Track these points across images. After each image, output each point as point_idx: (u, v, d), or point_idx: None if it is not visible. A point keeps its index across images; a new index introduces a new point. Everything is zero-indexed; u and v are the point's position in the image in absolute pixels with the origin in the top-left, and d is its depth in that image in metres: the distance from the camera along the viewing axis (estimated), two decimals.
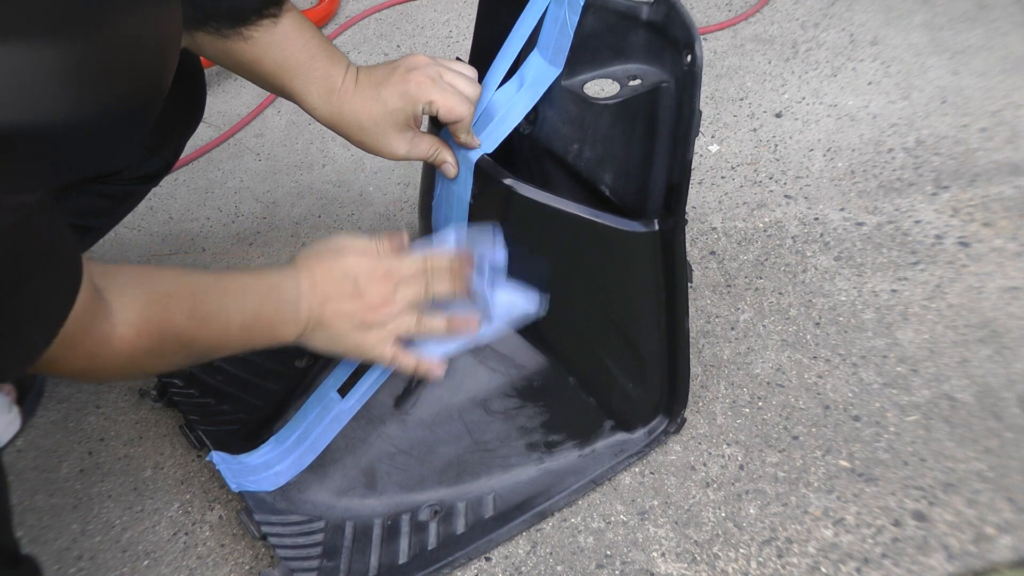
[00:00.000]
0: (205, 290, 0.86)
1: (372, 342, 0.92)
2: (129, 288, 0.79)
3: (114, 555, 1.00)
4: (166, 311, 0.81)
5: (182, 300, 0.83)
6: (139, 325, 0.78)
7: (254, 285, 0.89)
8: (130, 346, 0.77)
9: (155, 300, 0.81)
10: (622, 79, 0.90)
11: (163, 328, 0.80)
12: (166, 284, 0.83)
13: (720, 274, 1.23)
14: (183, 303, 0.83)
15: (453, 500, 0.98)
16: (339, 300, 0.90)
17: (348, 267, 0.91)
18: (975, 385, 1.07)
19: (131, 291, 0.79)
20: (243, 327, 0.87)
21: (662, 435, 1.03)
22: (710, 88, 1.54)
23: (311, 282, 0.90)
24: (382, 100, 0.92)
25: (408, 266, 0.93)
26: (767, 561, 0.93)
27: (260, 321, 0.88)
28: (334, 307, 0.90)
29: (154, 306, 0.80)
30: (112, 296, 0.77)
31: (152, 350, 0.80)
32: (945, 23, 1.61)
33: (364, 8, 1.81)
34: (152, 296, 0.81)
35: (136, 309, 0.78)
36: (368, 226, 1.37)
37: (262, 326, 0.89)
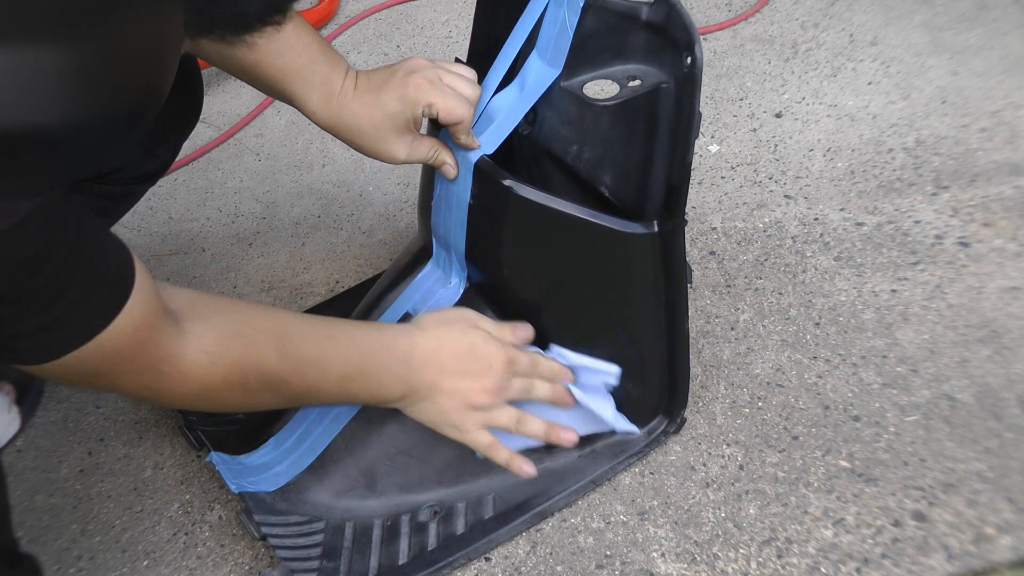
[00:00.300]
0: (302, 334, 0.85)
1: (472, 424, 0.93)
2: (211, 316, 0.78)
3: (114, 555, 1.00)
4: (252, 346, 0.80)
5: (272, 338, 0.82)
6: (216, 354, 0.77)
7: (361, 338, 0.89)
8: (203, 372, 0.76)
9: (240, 333, 0.80)
10: (621, 80, 0.90)
11: (245, 363, 0.79)
12: (258, 320, 0.82)
13: (720, 274, 1.23)
14: (273, 342, 0.81)
15: (453, 501, 0.98)
16: (458, 376, 0.90)
17: (475, 343, 0.92)
18: (975, 385, 1.07)
19: (213, 319, 0.78)
20: (344, 378, 0.86)
21: (662, 435, 1.03)
22: (710, 88, 1.54)
23: (434, 349, 0.90)
24: (381, 104, 0.92)
25: (524, 361, 0.94)
26: (767, 561, 0.93)
27: (363, 375, 0.87)
28: (451, 382, 0.90)
29: (238, 339, 0.79)
30: (189, 321, 0.76)
31: (232, 383, 0.79)
32: (945, 23, 1.61)
33: (364, 8, 1.81)
34: (237, 328, 0.80)
35: (215, 338, 0.77)
36: (368, 226, 1.38)
37: (365, 381, 0.88)
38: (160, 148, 1.01)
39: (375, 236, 1.36)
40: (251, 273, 1.32)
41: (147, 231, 1.39)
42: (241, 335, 0.80)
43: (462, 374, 0.91)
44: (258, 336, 0.81)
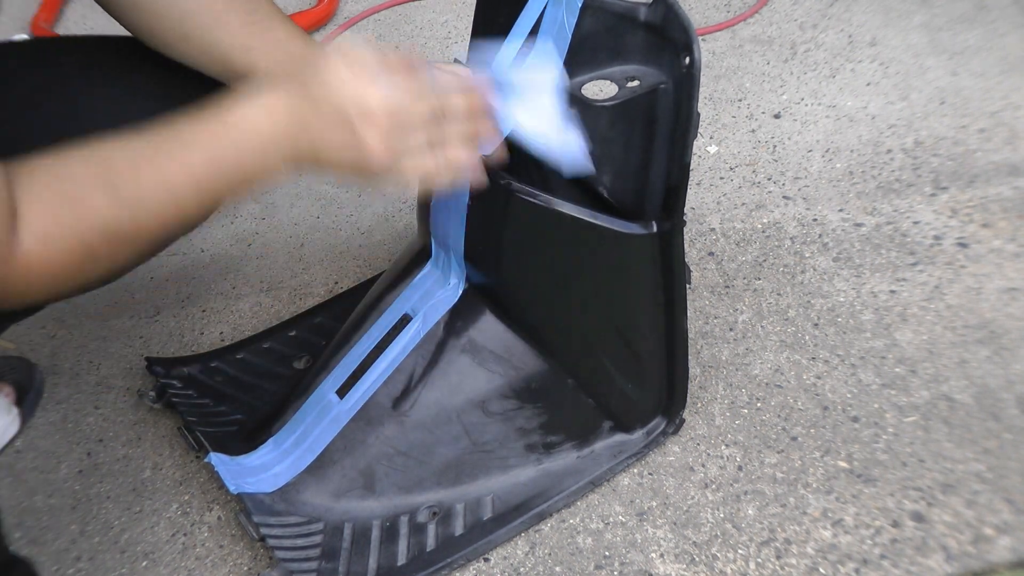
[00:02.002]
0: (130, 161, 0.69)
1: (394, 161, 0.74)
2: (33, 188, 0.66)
3: (113, 556, 1.00)
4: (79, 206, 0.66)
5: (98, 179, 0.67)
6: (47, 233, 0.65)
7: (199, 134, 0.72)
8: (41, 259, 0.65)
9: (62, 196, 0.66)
10: (620, 80, 0.90)
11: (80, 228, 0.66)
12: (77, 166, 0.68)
13: (719, 275, 1.23)
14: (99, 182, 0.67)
15: (452, 501, 0.98)
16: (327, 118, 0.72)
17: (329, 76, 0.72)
18: (974, 386, 1.07)
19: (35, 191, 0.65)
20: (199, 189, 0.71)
21: (661, 436, 1.03)
22: (709, 89, 1.54)
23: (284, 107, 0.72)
24: None
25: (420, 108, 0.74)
26: (766, 562, 0.93)
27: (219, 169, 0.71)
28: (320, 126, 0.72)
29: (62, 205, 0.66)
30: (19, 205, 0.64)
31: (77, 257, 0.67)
32: (944, 24, 1.61)
33: (363, 9, 1.81)
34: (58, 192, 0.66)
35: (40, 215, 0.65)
36: (367, 227, 1.38)
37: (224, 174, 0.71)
38: None
39: (374, 237, 1.36)
40: (250, 274, 1.32)
41: None
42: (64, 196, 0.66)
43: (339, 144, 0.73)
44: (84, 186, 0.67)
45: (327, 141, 0.73)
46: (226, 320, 1.25)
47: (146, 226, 0.70)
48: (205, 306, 1.27)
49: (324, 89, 0.72)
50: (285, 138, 0.72)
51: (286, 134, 0.72)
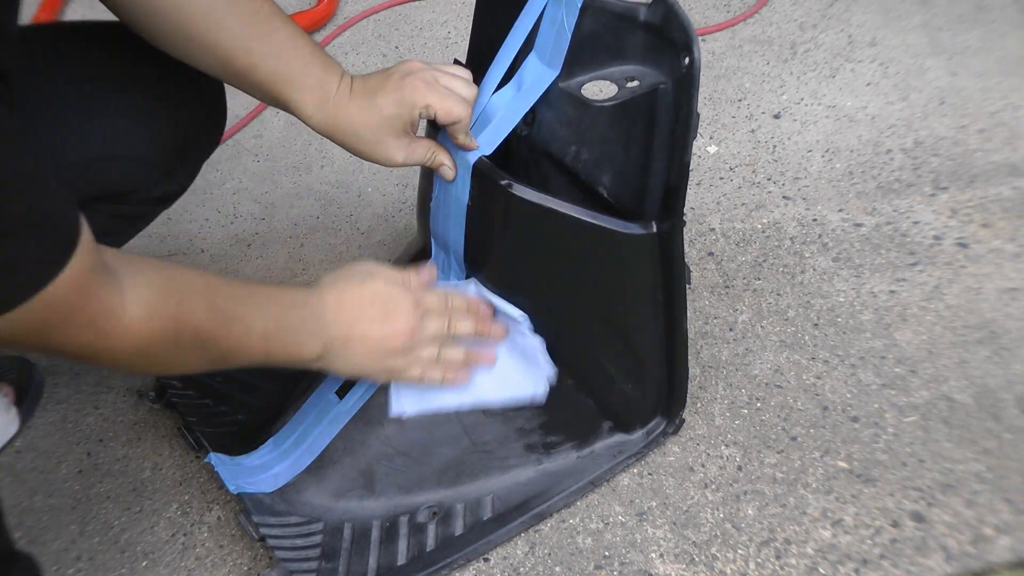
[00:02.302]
0: (227, 290, 0.84)
1: (401, 366, 0.93)
2: (146, 273, 0.77)
3: (112, 556, 1.00)
4: (184, 301, 0.79)
5: (201, 294, 0.81)
6: (153, 307, 0.76)
7: (278, 295, 0.89)
8: (142, 327, 0.75)
9: (173, 288, 0.79)
10: (620, 81, 0.90)
11: (179, 317, 0.78)
12: (185, 277, 0.81)
13: (718, 275, 1.23)
14: (202, 297, 0.81)
15: (451, 502, 0.98)
16: (366, 323, 0.90)
17: (377, 291, 0.92)
18: (973, 386, 1.07)
19: (147, 275, 0.77)
20: (264, 335, 0.86)
21: (660, 436, 1.03)
22: (708, 89, 1.54)
23: (338, 302, 0.90)
24: (377, 108, 0.91)
25: (434, 300, 0.94)
26: (765, 562, 0.93)
27: (282, 332, 0.87)
28: (361, 329, 0.90)
29: (171, 294, 0.78)
30: (126, 276, 0.74)
31: (167, 339, 0.78)
32: (944, 24, 1.61)
33: (362, 9, 1.81)
34: (170, 284, 0.79)
35: (151, 292, 0.76)
36: (367, 227, 1.38)
37: (284, 338, 0.87)
38: (179, 170, 1.01)
39: (374, 237, 1.36)
40: (250, 274, 1.32)
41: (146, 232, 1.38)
42: (174, 290, 0.79)
43: (370, 321, 0.90)
44: (189, 291, 0.80)
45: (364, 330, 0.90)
46: None
47: (219, 343, 0.82)
48: None
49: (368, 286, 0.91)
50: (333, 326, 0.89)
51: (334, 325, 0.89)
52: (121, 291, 0.74)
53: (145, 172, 0.96)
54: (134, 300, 0.74)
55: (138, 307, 0.75)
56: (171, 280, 0.79)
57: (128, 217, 1.01)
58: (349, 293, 0.91)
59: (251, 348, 0.85)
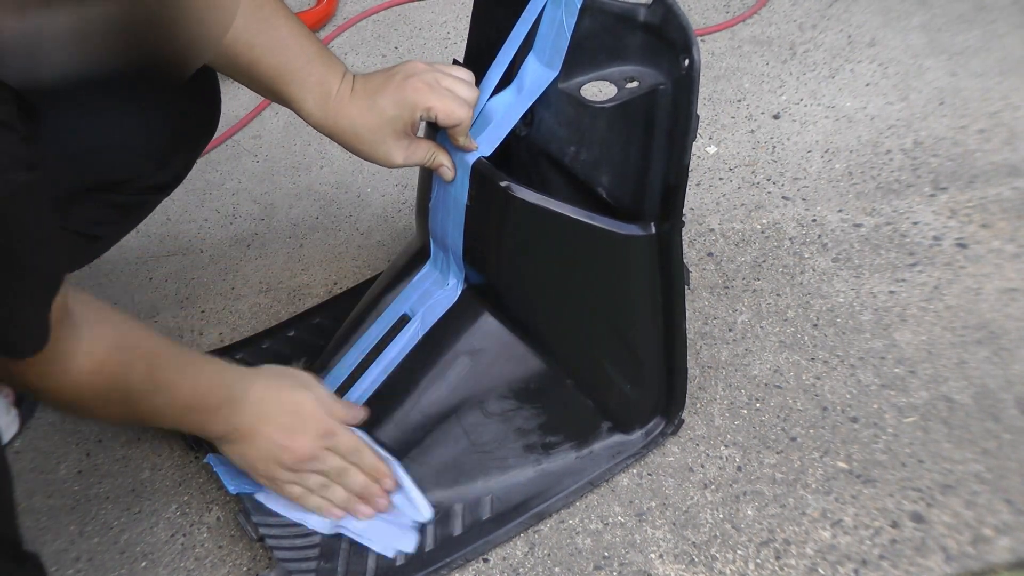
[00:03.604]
0: (169, 356, 0.86)
1: (283, 480, 0.93)
2: (105, 325, 0.80)
3: (112, 556, 1.00)
4: (129, 362, 0.81)
5: (146, 358, 0.83)
6: (100, 362, 0.78)
7: (210, 371, 0.90)
8: (85, 379, 0.77)
9: (123, 347, 0.81)
10: (619, 81, 0.90)
11: (120, 376, 0.80)
12: (138, 337, 0.84)
13: (718, 275, 1.23)
14: (145, 364, 0.83)
15: (451, 502, 0.98)
16: (272, 427, 0.91)
17: (299, 404, 0.93)
18: (973, 387, 1.07)
19: (105, 329, 0.80)
20: (185, 408, 0.88)
21: (660, 436, 1.03)
22: (708, 89, 1.54)
23: (260, 396, 0.91)
24: (378, 109, 0.91)
25: (346, 442, 0.94)
26: (765, 562, 0.93)
27: (199, 409, 0.89)
28: (265, 431, 0.91)
29: (121, 352, 0.80)
30: (85, 325, 0.77)
31: (100, 394, 0.80)
32: (943, 24, 1.61)
33: (362, 9, 1.82)
34: (122, 342, 0.81)
35: (103, 346, 0.78)
36: (366, 227, 1.38)
37: (198, 415, 0.89)
38: (174, 159, 1.01)
39: (373, 237, 1.36)
40: (249, 274, 1.32)
41: (145, 232, 1.39)
42: (122, 349, 0.81)
43: (276, 427, 0.91)
44: (134, 355, 0.82)
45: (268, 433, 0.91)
46: (225, 321, 1.25)
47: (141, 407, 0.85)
48: (204, 307, 1.27)
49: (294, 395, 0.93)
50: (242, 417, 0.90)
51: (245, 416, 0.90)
52: (78, 341, 0.76)
53: (139, 161, 0.96)
54: (86, 352, 0.77)
55: (87, 359, 0.77)
56: (124, 339, 0.82)
57: (123, 207, 1.01)
58: (274, 392, 0.92)
59: (166, 416, 0.88)
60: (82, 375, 0.77)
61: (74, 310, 0.76)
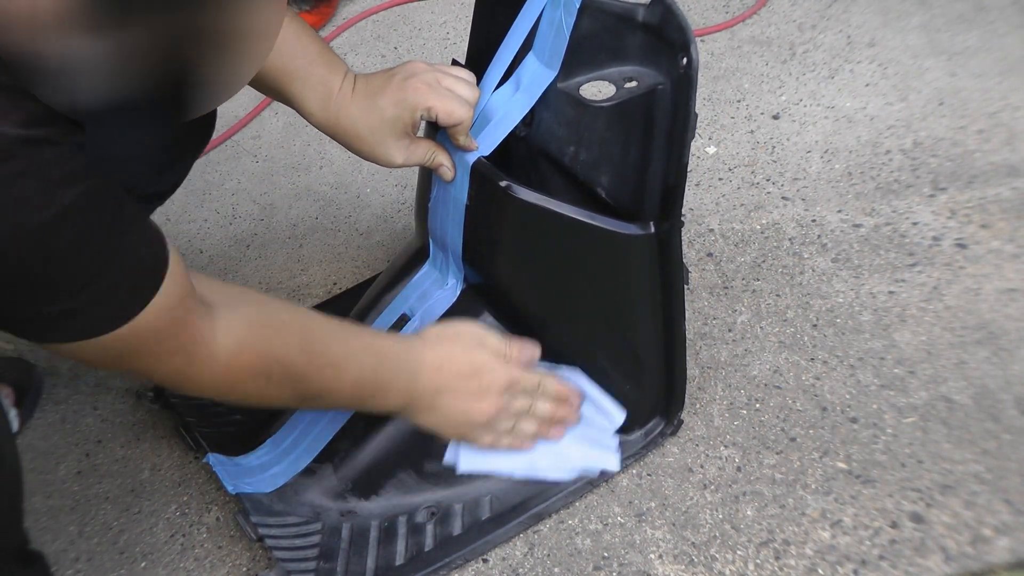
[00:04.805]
0: (323, 332, 0.86)
1: (476, 435, 0.94)
2: (240, 305, 0.80)
3: (111, 557, 1.00)
4: (276, 337, 0.81)
5: (295, 333, 0.83)
6: (243, 340, 0.78)
7: (375, 343, 0.90)
8: (232, 358, 0.77)
9: (266, 323, 0.81)
10: (618, 81, 0.90)
11: (270, 352, 0.80)
12: (283, 313, 0.84)
13: (717, 276, 1.23)
14: (295, 336, 0.82)
15: (450, 502, 0.98)
16: (458, 395, 0.91)
17: (480, 364, 0.92)
18: (972, 387, 1.07)
19: (241, 308, 0.80)
20: (356, 382, 0.87)
21: (659, 437, 1.03)
22: (707, 90, 1.54)
23: (437, 365, 0.90)
24: (379, 109, 0.92)
25: (528, 381, 0.94)
26: (764, 563, 0.93)
27: (374, 382, 0.88)
28: (451, 400, 0.91)
29: (264, 328, 0.80)
30: (221, 307, 0.77)
31: (256, 372, 0.80)
32: (943, 25, 1.61)
33: (361, 10, 1.82)
34: (264, 319, 0.81)
35: (243, 325, 0.78)
36: (366, 228, 1.38)
37: (375, 387, 0.88)
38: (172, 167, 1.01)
39: (373, 238, 1.36)
40: (249, 275, 1.32)
41: None
42: (268, 325, 0.81)
43: (462, 393, 0.91)
44: (283, 328, 0.82)
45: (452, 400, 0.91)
46: None
47: (310, 383, 0.84)
48: None
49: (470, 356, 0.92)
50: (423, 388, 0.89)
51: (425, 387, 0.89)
52: (212, 321, 0.76)
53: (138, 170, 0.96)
54: (225, 331, 0.77)
55: (228, 338, 0.77)
56: (265, 315, 0.82)
57: None
58: (452, 360, 0.91)
59: (340, 392, 0.87)
60: (227, 354, 0.77)
61: (206, 295, 0.76)
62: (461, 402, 0.91)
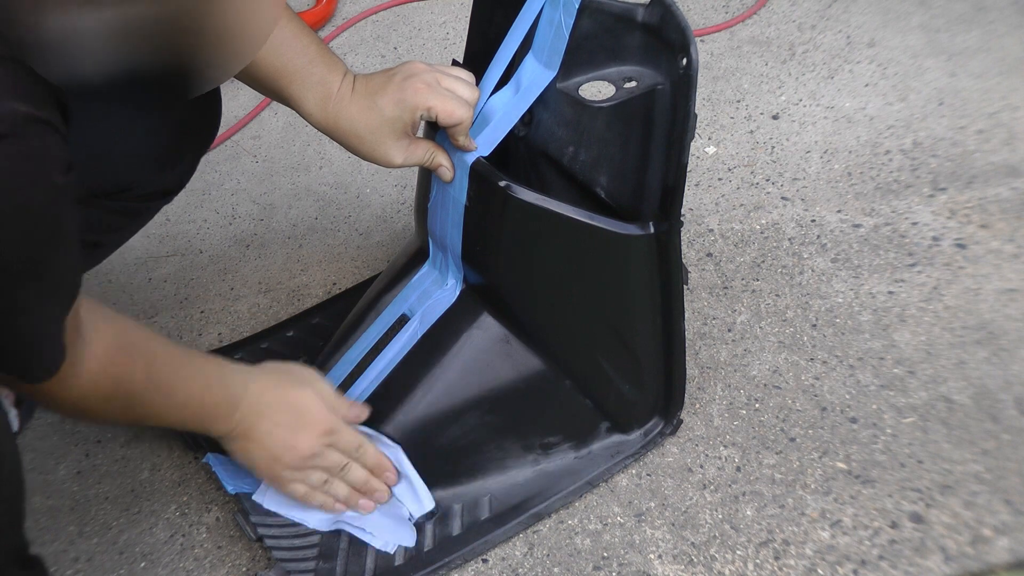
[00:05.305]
0: (166, 356, 0.86)
1: (286, 479, 0.93)
2: (108, 327, 0.80)
3: (111, 557, 1.00)
4: (130, 362, 0.81)
5: (145, 358, 0.83)
6: (104, 364, 0.78)
7: (208, 369, 0.90)
8: (90, 382, 0.77)
9: (125, 348, 0.81)
10: (617, 81, 0.90)
11: (121, 377, 0.81)
12: (137, 338, 0.84)
13: (717, 276, 1.23)
14: (144, 361, 0.83)
15: (449, 502, 0.98)
16: (273, 425, 0.91)
17: (301, 402, 0.92)
18: (972, 387, 1.07)
19: (108, 331, 0.80)
20: (183, 405, 0.87)
21: (658, 437, 1.03)
22: (707, 90, 1.54)
23: (259, 395, 0.91)
24: (378, 109, 0.92)
25: (347, 439, 0.94)
26: (764, 563, 0.93)
27: (200, 405, 0.88)
28: (268, 427, 0.91)
29: (122, 352, 0.81)
30: (89, 328, 0.77)
31: (106, 395, 0.80)
32: (942, 25, 1.61)
33: (361, 10, 1.82)
34: (124, 343, 0.81)
35: (106, 349, 0.78)
36: (365, 228, 1.38)
37: (199, 411, 0.89)
38: (178, 163, 1.01)
39: (372, 238, 1.36)
40: (248, 275, 1.32)
41: (144, 232, 1.38)
42: (125, 350, 0.81)
43: (277, 425, 0.91)
44: (135, 355, 0.82)
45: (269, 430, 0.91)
46: (224, 321, 1.25)
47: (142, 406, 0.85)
48: (203, 307, 1.27)
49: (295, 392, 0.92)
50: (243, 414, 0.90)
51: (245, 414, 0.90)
52: (84, 347, 0.76)
53: (142, 167, 0.96)
54: (91, 355, 0.77)
55: (93, 361, 0.77)
56: (126, 340, 0.82)
57: (128, 213, 1.01)
58: (274, 391, 0.92)
59: (169, 413, 0.88)
60: (90, 376, 0.77)
61: (82, 318, 0.76)
62: (278, 432, 0.90)
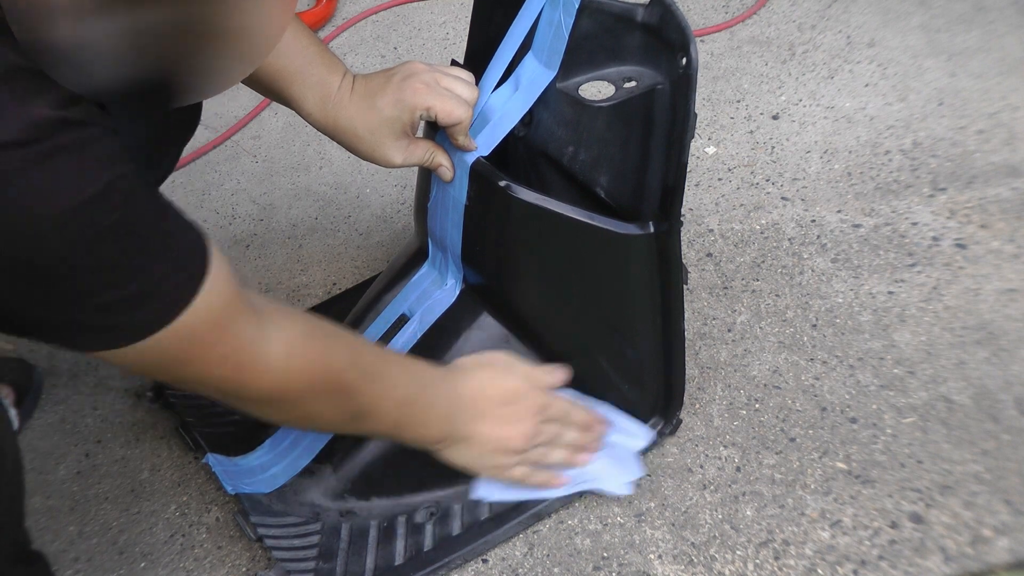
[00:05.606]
0: (370, 349, 0.85)
1: (507, 464, 0.93)
2: (287, 314, 0.78)
3: (111, 557, 1.00)
4: (327, 349, 0.80)
5: (345, 346, 0.82)
6: (295, 348, 0.76)
7: (418, 368, 0.89)
8: (281, 366, 0.75)
9: (315, 334, 0.80)
10: (617, 81, 0.90)
11: (321, 362, 0.78)
12: (330, 327, 0.82)
13: (717, 276, 1.23)
14: (346, 348, 0.82)
15: (449, 502, 0.98)
16: (492, 421, 0.91)
17: (514, 391, 0.92)
18: (972, 387, 1.07)
19: (290, 317, 0.78)
20: (401, 402, 0.86)
21: (658, 437, 1.03)
22: (707, 90, 1.54)
23: (474, 393, 0.90)
24: (377, 109, 0.92)
25: (558, 408, 0.95)
26: (764, 563, 0.93)
27: (417, 405, 0.87)
28: (487, 428, 0.91)
29: (314, 338, 0.79)
30: (269, 314, 0.75)
31: (305, 382, 0.78)
32: (942, 25, 1.61)
33: (361, 10, 1.82)
34: (313, 330, 0.80)
35: (293, 333, 0.77)
36: (365, 228, 1.38)
37: (416, 412, 0.88)
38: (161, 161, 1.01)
39: (372, 238, 1.36)
40: (248, 275, 1.32)
41: None
42: (317, 336, 0.80)
43: (499, 420, 0.91)
44: (333, 339, 0.81)
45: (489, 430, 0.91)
46: None
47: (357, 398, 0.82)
48: None
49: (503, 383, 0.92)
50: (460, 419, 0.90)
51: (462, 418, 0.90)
52: (261, 327, 0.74)
53: None
54: (275, 337, 0.75)
55: (279, 344, 0.75)
56: (316, 326, 0.80)
57: None
58: (490, 386, 0.92)
59: (385, 413, 0.86)
60: (277, 361, 0.75)
61: (256, 303, 0.75)
62: (497, 429, 0.91)
